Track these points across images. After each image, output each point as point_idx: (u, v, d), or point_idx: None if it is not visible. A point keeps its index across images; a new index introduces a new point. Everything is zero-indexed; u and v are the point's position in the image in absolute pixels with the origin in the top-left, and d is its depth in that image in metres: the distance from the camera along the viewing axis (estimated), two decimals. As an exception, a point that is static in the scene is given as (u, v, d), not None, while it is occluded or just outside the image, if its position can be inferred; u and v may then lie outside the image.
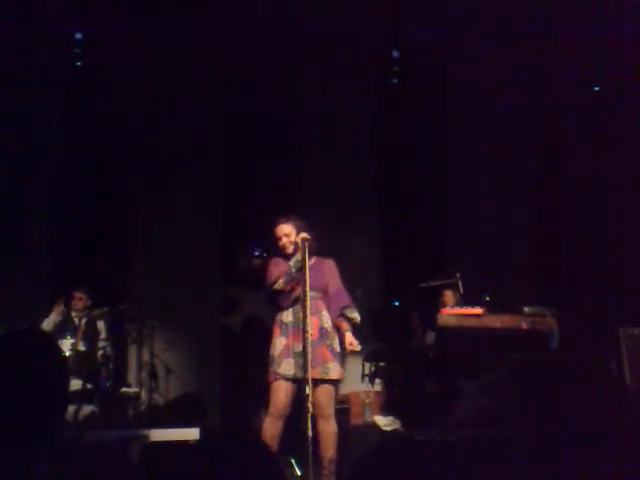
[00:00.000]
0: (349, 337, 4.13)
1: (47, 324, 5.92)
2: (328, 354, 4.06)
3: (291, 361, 4.00)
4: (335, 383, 4.14)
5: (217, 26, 6.54)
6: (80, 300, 6.03)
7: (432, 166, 7.25)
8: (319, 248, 4.18)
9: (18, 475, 1.60)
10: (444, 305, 5.70)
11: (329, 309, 4.19)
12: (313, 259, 4.13)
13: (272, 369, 4.06)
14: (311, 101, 7.10)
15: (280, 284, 4.09)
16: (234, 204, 6.97)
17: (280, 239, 4.20)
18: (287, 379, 4.00)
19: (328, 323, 4.15)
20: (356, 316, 4.21)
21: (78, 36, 6.64)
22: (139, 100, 6.89)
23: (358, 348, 4.13)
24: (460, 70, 7.00)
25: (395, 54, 7.03)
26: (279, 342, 4.09)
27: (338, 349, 4.13)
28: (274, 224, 4.24)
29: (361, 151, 7.17)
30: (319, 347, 4.03)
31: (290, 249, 4.16)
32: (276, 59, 6.81)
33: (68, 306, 6.07)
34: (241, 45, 6.71)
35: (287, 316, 4.12)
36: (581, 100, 6.79)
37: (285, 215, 4.25)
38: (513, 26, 6.29)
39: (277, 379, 4.03)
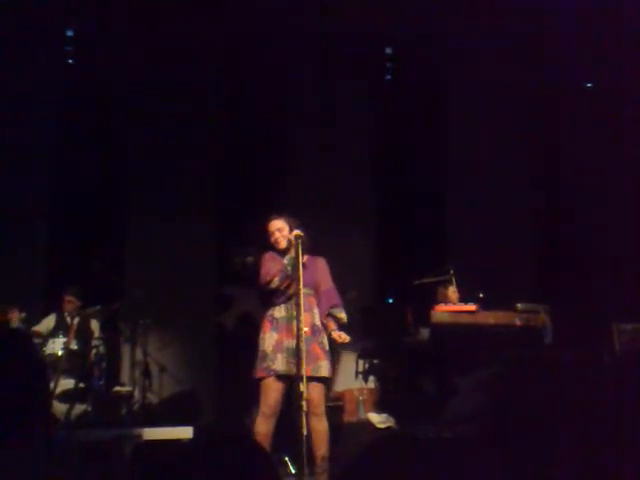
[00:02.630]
0: (336, 332, 4.15)
1: (41, 326, 5.90)
2: (320, 352, 4.07)
3: (283, 357, 4.00)
4: (326, 380, 4.14)
5: (214, 25, 6.53)
6: (70, 303, 6.02)
7: (427, 164, 7.24)
8: (311, 246, 4.18)
9: (14, 475, 1.59)
10: (448, 301, 5.69)
11: (319, 307, 4.20)
12: (305, 257, 4.13)
13: (264, 365, 4.04)
14: (306, 100, 7.08)
15: (275, 282, 4.09)
16: (228, 203, 6.95)
17: (273, 234, 4.21)
18: (278, 376, 3.99)
19: (319, 320, 4.17)
20: (344, 316, 4.23)
21: (70, 33, 6.61)
22: (134, 99, 6.88)
23: (348, 339, 4.14)
24: (456, 66, 7.00)
25: (388, 50, 7.03)
26: (270, 337, 4.08)
27: (327, 347, 4.14)
28: (266, 220, 4.25)
29: (356, 149, 7.16)
30: (311, 344, 4.02)
31: (283, 244, 4.17)
32: (273, 58, 6.80)
33: (59, 306, 6.06)
34: (238, 44, 6.69)
35: (279, 312, 4.12)
36: (580, 97, 6.80)
37: (277, 211, 4.27)
38: (511, 20, 6.29)
39: (269, 375, 4.01)
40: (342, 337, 4.13)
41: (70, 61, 6.71)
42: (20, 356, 1.75)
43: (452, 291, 5.73)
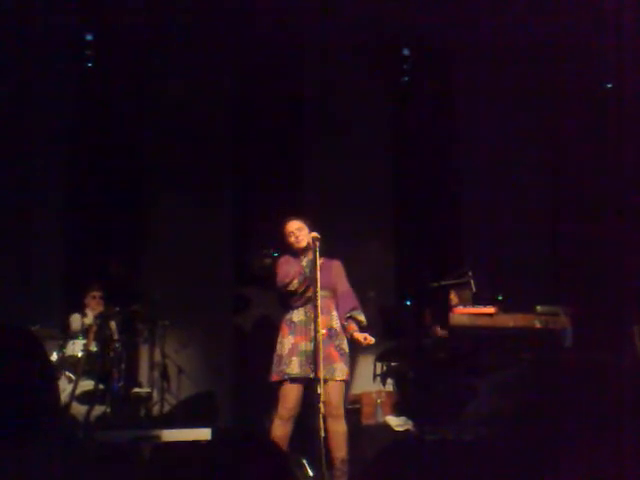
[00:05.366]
0: (359, 334, 4.14)
1: (73, 329, 5.94)
2: (335, 354, 4.06)
3: (298, 360, 4.00)
4: (344, 382, 4.13)
5: (232, 26, 6.54)
6: (99, 299, 6.04)
7: (444, 166, 7.21)
8: (327, 249, 4.19)
9: (18, 475, 1.59)
10: (451, 307, 5.65)
11: (337, 310, 4.20)
12: (322, 260, 4.13)
13: (279, 368, 4.06)
14: (323, 102, 7.08)
15: (294, 285, 4.10)
16: (245, 205, 6.97)
17: (292, 233, 4.22)
18: (294, 379, 4.00)
19: (337, 323, 4.16)
20: (364, 319, 4.25)
21: (89, 37, 6.66)
22: (152, 102, 6.93)
23: (373, 341, 4.14)
24: (473, 66, 6.97)
25: (405, 52, 7.02)
26: (287, 341, 4.10)
27: (346, 349, 4.14)
28: (284, 221, 4.26)
29: (373, 151, 7.14)
30: (327, 347, 4.02)
31: (303, 243, 4.17)
32: (290, 60, 6.82)
33: (82, 306, 6.09)
34: (254, 45, 6.71)
35: (297, 315, 4.13)
36: (592, 95, 6.73)
37: (294, 213, 4.29)
38: (527, 21, 6.25)
39: (284, 379, 4.02)
40: (367, 339, 4.13)
41: (89, 65, 6.76)
42: (28, 356, 1.75)
43: (452, 295, 5.70)
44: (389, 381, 5.93)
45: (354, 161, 6.96)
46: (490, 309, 5.15)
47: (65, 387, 5.43)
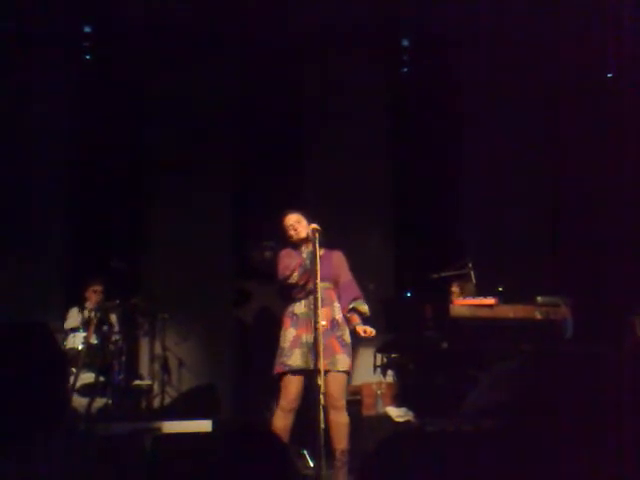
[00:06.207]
0: (361, 327, 4.14)
1: (69, 323, 5.93)
2: (337, 345, 4.06)
3: (300, 352, 4.00)
4: (346, 374, 4.13)
5: (232, 18, 6.52)
6: (100, 293, 6.04)
7: (444, 157, 7.20)
8: (328, 240, 4.18)
9: (18, 475, 1.59)
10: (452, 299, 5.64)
11: (339, 300, 4.20)
12: (322, 250, 4.13)
13: (281, 360, 4.06)
14: (323, 95, 7.07)
15: (295, 277, 4.10)
16: (246, 198, 6.96)
17: (291, 226, 4.24)
18: (295, 371, 4.00)
19: (339, 314, 4.16)
20: (366, 309, 4.23)
21: (87, 29, 6.63)
22: (151, 95, 6.92)
23: (373, 332, 4.13)
24: (473, 58, 6.95)
25: (405, 43, 7.00)
26: (289, 333, 4.10)
27: (348, 340, 4.14)
28: (282, 215, 4.27)
29: (372, 144, 7.13)
30: (329, 338, 4.03)
31: (303, 233, 4.18)
32: (289, 54, 6.80)
33: (82, 299, 6.09)
34: (255, 38, 6.70)
35: (299, 307, 4.13)
36: (596, 87, 6.72)
37: (292, 207, 4.30)
38: (527, 12, 6.23)
39: (285, 371, 4.02)
40: (368, 331, 4.13)
41: (87, 57, 6.74)
42: (41, 351, 1.75)
43: (455, 287, 5.69)
44: (389, 372, 5.94)
45: (354, 153, 6.95)
46: (490, 300, 5.15)
47: (66, 380, 5.44)
